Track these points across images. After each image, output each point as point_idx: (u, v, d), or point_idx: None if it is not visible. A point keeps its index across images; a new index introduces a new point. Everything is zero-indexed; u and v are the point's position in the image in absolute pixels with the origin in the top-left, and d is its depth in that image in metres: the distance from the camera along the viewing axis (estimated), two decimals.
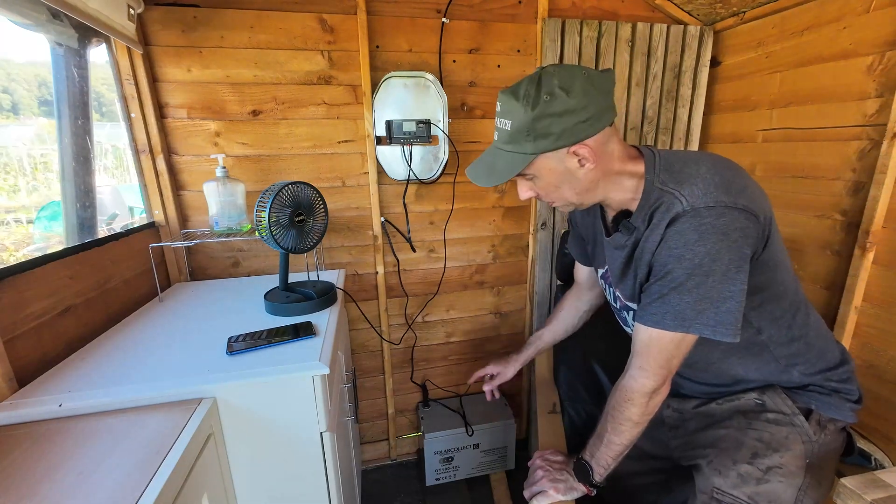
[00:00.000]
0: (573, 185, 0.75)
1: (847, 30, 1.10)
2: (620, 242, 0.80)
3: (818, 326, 0.83)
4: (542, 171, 0.73)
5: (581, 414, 1.23)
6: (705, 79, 1.51)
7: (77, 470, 0.58)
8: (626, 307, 0.87)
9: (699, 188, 0.67)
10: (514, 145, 0.71)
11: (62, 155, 1.04)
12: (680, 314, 0.68)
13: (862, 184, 1.08)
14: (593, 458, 0.81)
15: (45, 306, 0.84)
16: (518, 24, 1.41)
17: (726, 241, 0.65)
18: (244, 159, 1.33)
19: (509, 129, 0.71)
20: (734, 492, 0.75)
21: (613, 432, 0.78)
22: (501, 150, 0.74)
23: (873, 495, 0.63)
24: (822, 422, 0.79)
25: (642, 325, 0.73)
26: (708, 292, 0.66)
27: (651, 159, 0.74)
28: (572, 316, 1.15)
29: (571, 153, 0.71)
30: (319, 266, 1.45)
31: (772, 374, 0.82)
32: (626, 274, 0.82)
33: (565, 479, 0.84)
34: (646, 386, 0.74)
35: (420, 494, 1.62)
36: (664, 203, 0.70)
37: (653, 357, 0.73)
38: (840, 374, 0.81)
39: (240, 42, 1.24)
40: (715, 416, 0.86)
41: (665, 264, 0.69)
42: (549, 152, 0.70)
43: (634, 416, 0.76)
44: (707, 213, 0.65)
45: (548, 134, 0.68)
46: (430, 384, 1.73)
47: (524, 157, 0.71)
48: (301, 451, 0.86)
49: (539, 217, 1.56)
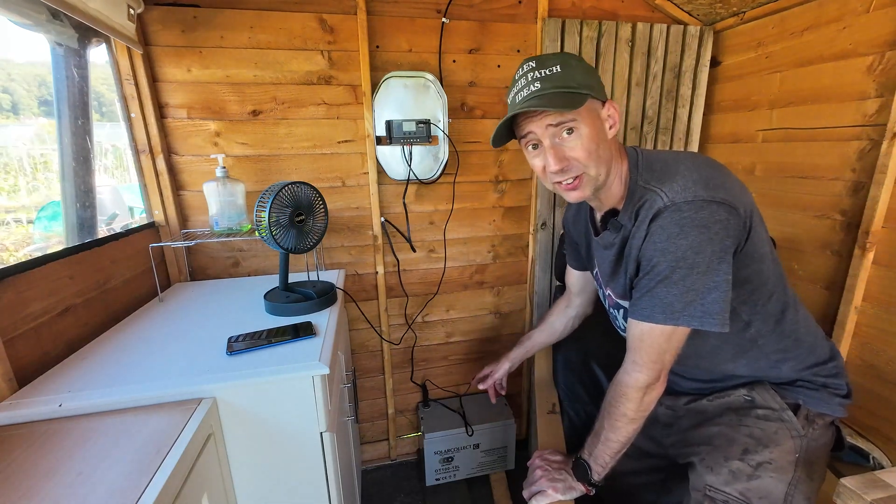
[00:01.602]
0: (605, 148, 0.74)
1: (847, 30, 1.10)
2: (609, 241, 0.81)
3: (807, 322, 0.84)
4: (588, 119, 0.72)
5: (580, 414, 1.23)
6: (705, 79, 1.51)
7: (77, 470, 0.58)
8: (616, 305, 0.88)
9: (678, 184, 0.70)
10: (568, 85, 0.70)
11: (62, 155, 1.04)
12: (668, 307, 0.69)
13: (862, 184, 1.08)
14: (591, 457, 0.81)
15: (44, 306, 0.84)
16: (518, 24, 1.41)
17: (707, 234, 0.67)
18: (244, 159, 1.33)
19: (559, 71, 0.71)
20: (726, 489, 0.76)
21: (610, 429, 0.78)
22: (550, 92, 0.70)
23: (873, 495, 0.63)
24: (811, 416, 0.80)
25: (634, 319, 0.75)
26: (693, 284, 0.68)
27: (634, 158, 0.77)
28: (562, 322, 1.15)
29: (608, 106, 0.75)
30: (319, 266, 1.45)
31: (761, 369, 0.82)
32: (616, 272, 0.83)
33: (564, 479, 0.84)
34: (639, 380, 0.75)
35: (420, 494, 1.62)
36: (647, 200, 0.72)
37: (645, 351, 0.74)
38: (829, 369, 0.82)
39: (240, 42, 1.24)
40: (707, 413, 0.87)
41: (651, 259, 0.71)
42: (594, 100, 0.73)
43: (630, 411, 0.76)
44: (687, 207, 0.67)
45: (593, 84, 0.73)
46: (430, 384, 1.73)
47: (581, 96, 0.70)
48: (301, 451, 0.86)
49: (539, 217, 1.56)
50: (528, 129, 0.74)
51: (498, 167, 1.53)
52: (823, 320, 1.18)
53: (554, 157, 0.73)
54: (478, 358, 1.75)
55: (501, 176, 1.55)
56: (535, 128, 0.73)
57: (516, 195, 1.58)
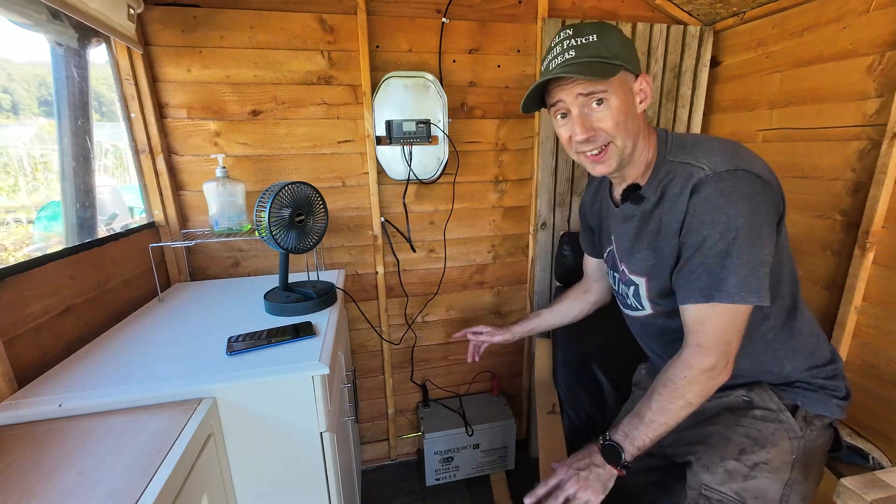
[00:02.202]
0: (634, 121, 0.74)
1: (847, 30, 1.10)
2: (629, 213, 0.81)
3: (812, 323, 0.84)
4: (621, 89, 0.71)
5: (580, 414, 1.23)
6: (705, 79, 1.51)
7: (77, 470, 0.58)
8: (629, 282, 0.86)
9: (717, 156, 0.69)
10: (603, 55, 0.69)
11: (62, 155, 1.04)
12: (724, 282, 0.67)
13: (862, 184, 1.08)
14: (628, 438, 0.75)
15: (44, 306, 0.84)
16: (518, 24, 1.41)
17: (751, 204, 0.66)
18: (244, 159, 1.33)
19: (595, 41, 0.70)
20: (722, 488, 0.75)
21: (660, 412, 0.73)
22: (584, 61, 0.69)
23: (873, 495, 0.63)
24: (809, 418, 0.80)
25: (691, 304, 0.71)
26: (749, 257, 0.66)
27: (663, 137, 0.78)
28: (578, 306, 1.12)
29: (640, 80, 0.73)
30: (319, 266, 1.45)
31: (764, 365, 0.82)
32: (634, 246, 0.82)
33: (589, 475, 0.75)
34: (705, 363, 0.71)
35: (420, 494, 1.62)
36: (678, 175, 0.71)
37: (710, 333, 0.71)
38: (827, 371, 0.82)
39: (240, 42, 1.24)
40: (704, 412, 0.86)
41: (699, 233, 0.68)
42: (627, 73, 0.72)
43: (690, 394, 0.72)
44: (729, 176, 0.66)
45: (629, 55, 0.72)
46: (430, 384, 1.73)
47: (613, 67, 0.69)
48: (301, 452, 0.86)
49: (539, 217, 1.56)
50: (559, 97, 0.73)
51: (498, 167, 1.53)
52: (823, 320, 1.17)
53: (581, 125, 0.73)
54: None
55: (501, 176, 1.55)
56: (566, 96, 0.73)
57: (516, 195, 1.58)
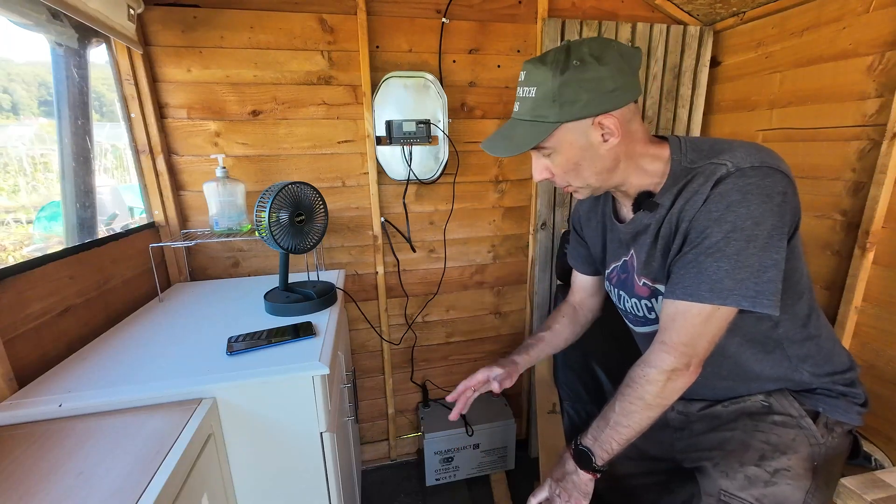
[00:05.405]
0: (594, 162, 0.71)
1: (847, 30, 1.10)
2: (643, 223, 0.76)
3: (828, 329, 0.82)
4: (563, 145, 0.69)
5: (581, 414, 1.23)
6: (705, 79, 1.51)
7: (77, 470, 0.58)
8: (655, 292, 0.80)
9: (740, 153, 0.66)
10: (537, 113, 0.68)
11: (62, 155, 1.04)
12: (716, 284, 0.63)
13: (862, 184, 1.08)
14: (597, 442, 0.74)
15: (45, 306, 0.84)
16: (518, 24, 1.41)
17: (770, 204, 0.62)
18: (244, 159, 1.33)
19: (533, 96, 0.67)
20: (741, 494, 0.73)
21: (622, 413, 0.72)
22: (522, 120, 0.70)
23: (873, 495, 0.63)
24: (830, 424, 0.78)
25: (671, 299, 0.68)
26: (748, 259, 0.62)
27: (677, 143, 0.73)
28: (573, 332, 1.05)
29: (596, 124, 0.68)
30: (319, 266, 1.45)
31: (783, 372, 0.80)
32: (652, 255, 0.78)
33: (566, 484, 0.76)
34: (665, 362, 0.68)
35: (420, 494, 1.62)
36: (700, 174, 0.68)
37: (676, 332, 0.68)
38: (846, 378, 0.80)
39: (240, 42, 1.24)
40: (721, 417, 0.84)
41: (703, 229, 0.65)
42: (573, 122, 0.67)
43: (648, 395, 0.69)
44: (752, 172, 0.63)
45: (574, 101, 0.65)
46: (430, 384, 1.73)
47: (546, 126, 0.67)
48: (301, 452, 0.86)
49: (539, 217, 1.56)
50: None
51: (498, 167, 1.53)
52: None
53: (535, 169, 0.74)
54: (478, 358, 1.75)
55: (501, 176, 1.55)
56: None
57: (516, 195, 1.58)
